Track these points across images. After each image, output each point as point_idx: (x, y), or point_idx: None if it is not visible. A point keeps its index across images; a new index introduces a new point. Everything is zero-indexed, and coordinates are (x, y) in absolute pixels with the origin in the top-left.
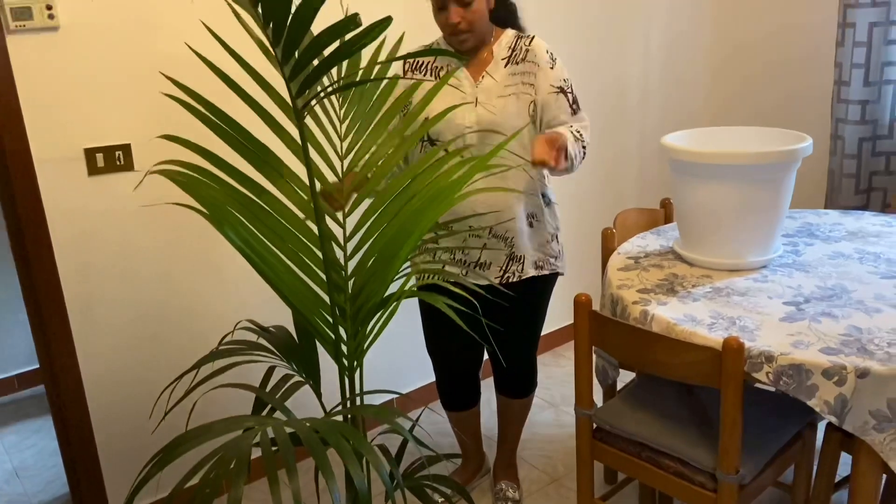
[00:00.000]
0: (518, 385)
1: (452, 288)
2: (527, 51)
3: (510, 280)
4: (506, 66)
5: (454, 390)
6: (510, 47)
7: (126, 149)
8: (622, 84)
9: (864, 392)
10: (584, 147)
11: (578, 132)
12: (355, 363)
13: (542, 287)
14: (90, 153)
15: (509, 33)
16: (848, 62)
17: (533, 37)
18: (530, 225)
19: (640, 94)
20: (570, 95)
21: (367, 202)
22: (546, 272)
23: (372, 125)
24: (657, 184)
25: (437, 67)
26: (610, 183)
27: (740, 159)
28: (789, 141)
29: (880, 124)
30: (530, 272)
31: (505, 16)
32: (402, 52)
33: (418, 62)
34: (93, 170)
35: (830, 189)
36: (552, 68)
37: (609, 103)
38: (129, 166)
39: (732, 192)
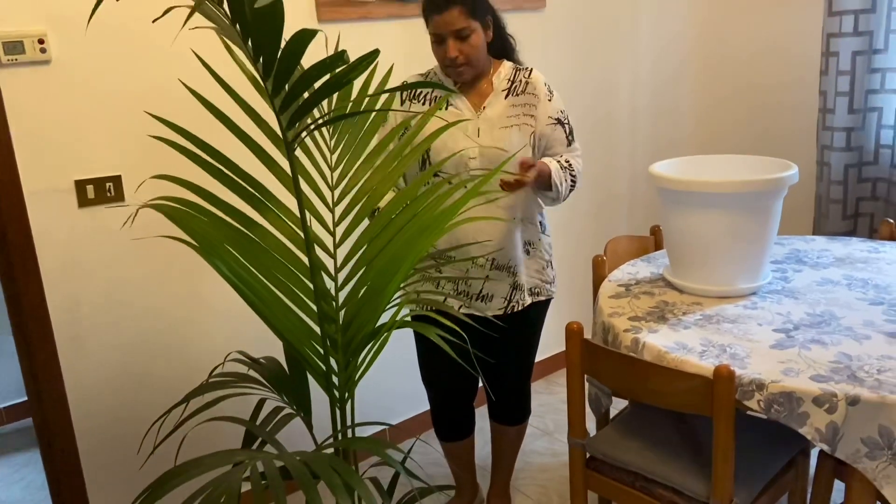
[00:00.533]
0: (513, 412)
1: (444, 321)
2: (526, 83)
3: (514, 310)
4: (506, 97)
5: (449, 421)
6: (509, 79)
7: (116, 180)
8: (612, 114)
9: (856, 419)
10: (572, 176)
11: (567, 162)
12: (346, 395)
13: (537, 314)
14: (80, 185)
15: (508, 65)
16: (832, 90)
17: (531, 69)
18: (527, 252)
19: (629, 123)
20: (566, 126)
21: (357, 231)
22: (542, 298)
23: (363, 155)
24: (646, 211)
25: (435, 98)
26: (600, 210)
27: (728, 188)
28: (776, 169)
29: (865, 151)
30: (528, 300)
31: (503, 49)
32: (396, 79)
33: (416, 92)
34: (83, 201)
35: (818, 215)
36: (550, 100)
37: (599, 133)
38: (119, 197)
39: (721, 220)
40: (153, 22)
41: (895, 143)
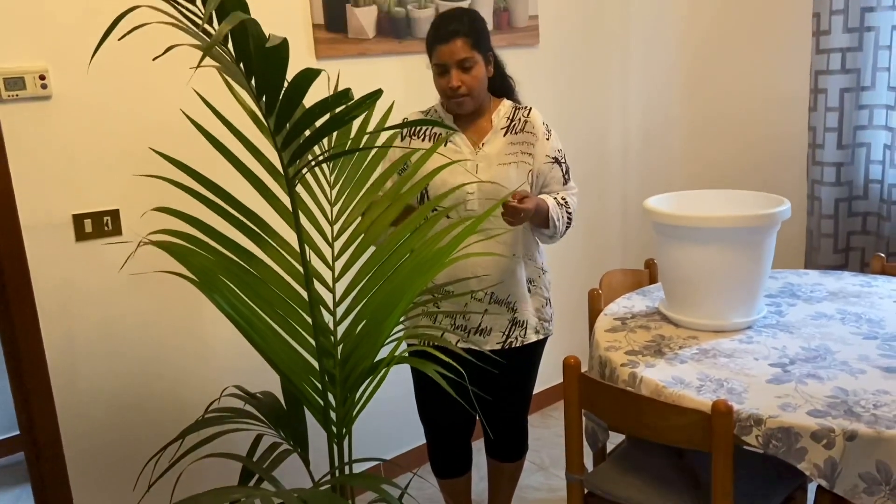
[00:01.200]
0: (511, 449)
1: (442, 357)
2: (525, 121)
3: (513, 345)
4: (505, 135)
5: (446, 457)
6: (508, 117)
7: (114, 214)
8: (604, 148)
9: (853, 455)
10: (568, 213)
11: (564, 199)
12: (344, 430)
13: (535, 351)
14: (78, 219)
15: (507, 104)
16: (821, 126)
17: (530, 108)
18: (528, 290)
19: (621, 157)
20: (563, 165)
21: (357, 265)
22: (541, 336)
23: (363, 191)
24: (640, 244)
25: (435, 134)
26: (595, 244)
27: (722, 223)
28: (768, 204)
29: (855, 185)
30: (532, 337)
31: (503, 88)
32: (396, 116)
33: (416, 128)
34: (80, 235)
35: (810, 248)
36: (548, 139)
37: (592, 166)
38: (117, 231)
39: (715, 255)
40: (154, 60)
41: (884, 178)
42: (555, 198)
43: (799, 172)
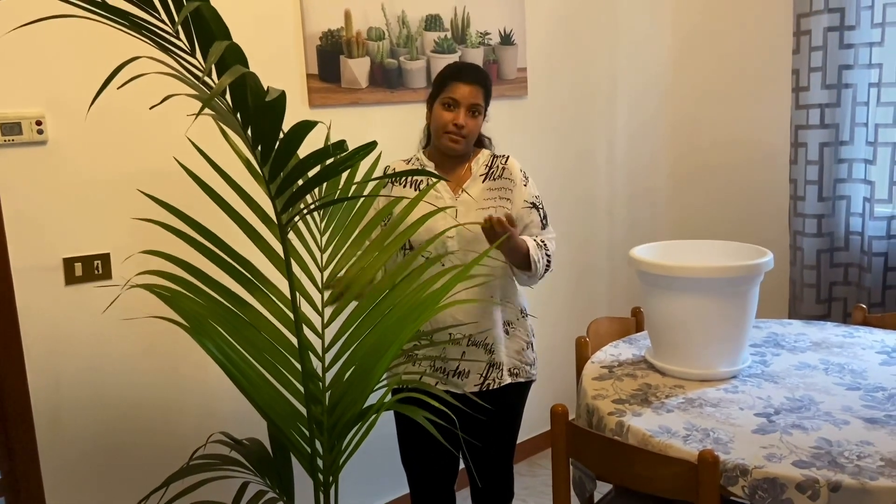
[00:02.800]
0: (496, 496)
1: (432, 402)
2: (503, 168)
3: (490, 387)
4: (483, 181)
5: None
6: (487, 165)
7: (105, 258)
8: (590, 196)
9: None
10: (547, 255)
11: (543, 242)
12: (331, 478)
13: (517, 395)
14: (69, 262)
15: (485, 153)
16: (802, 179)
17: (508, 156)
18: (506, 332)
19: (607, 206)
20: (541, 211)
21: (346, 312)
22: (522, 379)
23: (352, 237)
24: (627, 292)
25: (416, 181)
26: (582, 292)
27: (706, 272)
28: (751, 254)
29: (836, 237)
30: (507, 379)
31: (480, 141)
32: (383, 163)
33: (400, 179)
34: (70, 279)
35: (793, 298)
36: (525, 185)
37: (578, 213)
38: (107, 275)
39: (700, 304)
40: (150, 109)
41: (864, 230)
42: (535, 240)
43: (781, 223)
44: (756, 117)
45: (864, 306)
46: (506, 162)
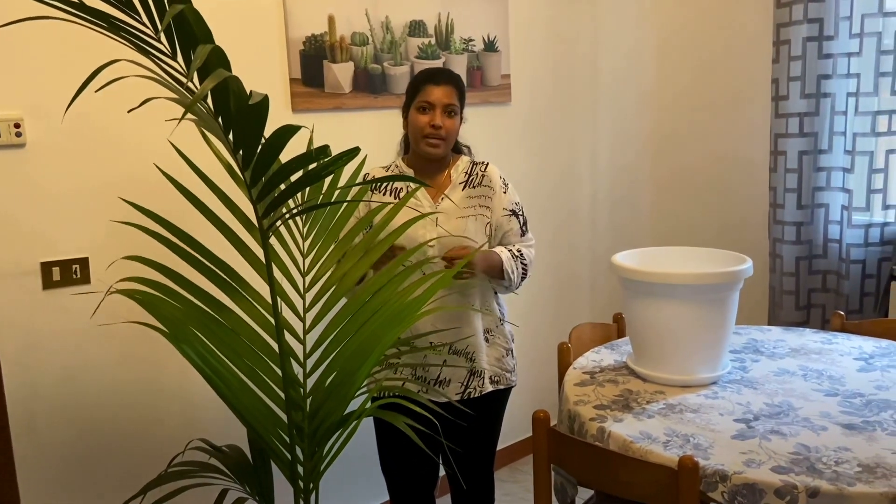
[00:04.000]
0: (477, 503)
1: (414, 407)
2: (483, 176)
3: (471, 395)
4: (463, 189)
5: None
6: (467, 172)
7: (83, 262)
8: (573, 204)
9: None
10: (524, 264)
11: (519, 251)
12: (311, 485)
13: (498, 402)
14: (46, 267)
15: (465, 160)
16: (781, 187)
17: (487, 164)
18: (486, 339)
19: (590, 213)
20: (521, 217)
21: (328, 317)
22: (502, 386)
23: (335, 243)
24: (609, 298)
25: (397, 188)
26: (564, 298)
27: (687, 279)
28: (732, 261)
29: (815, 244)
30: (489, 387)
31: (458, 148)
32: (364, 169)
33: (379, 184)
34: (47, 283)
35: (772, 305)
36: (505, 192)
37: (561, 221)
38: (85, 280)
39: (680, 311)
40: (129, 112)
41: (842, 238)
42: (510, 250)
43: (761, 231)
44: (737, 125)
45: (842, 313)
46: (485, 169)
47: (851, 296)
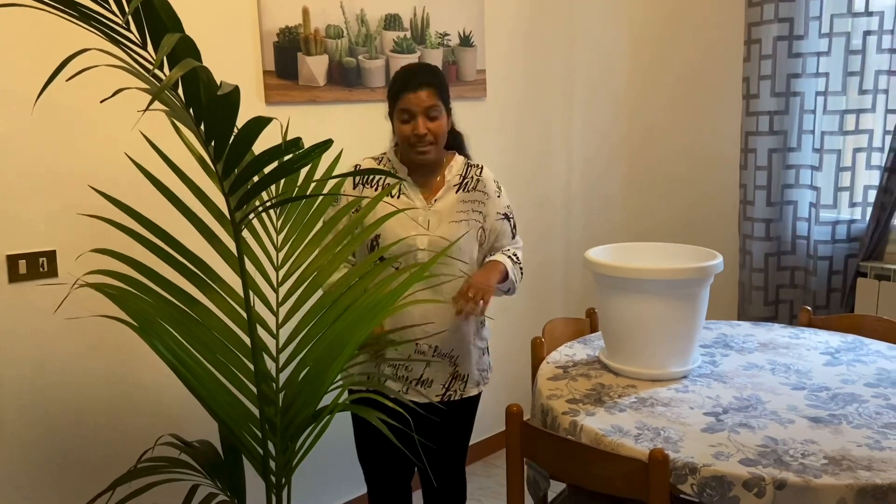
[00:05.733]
0: (449, 499)
1: (387, 403)
2: (477, 180)
3: (451, 398)
4: (457, 192)
5: (385, 500)
6: (461, 174)
7: (51, 255)
8: (547, 199)
9: (783, 503)
10: (521, 268)
11: (515, 255)
12: (283, 480)
13: (474, 402)
14: (12, 259)
15: (459, 160)
16: (751, 184)
17: (482, 167)
18: (473, 343)
19: (564, 208)
20: (512, 221)
21: (301, 312)
22: (481, 388)
23: (309, 237)
24: (582, 294)
25: (387, 184)
26: (538, 293)
27: (659, 274)
28: (703, 257)
29: (783, 241)
30: (473, 391)
31: (454, 143)
32: (344, 164)
33: (368, 176)
34: (14, 276)
35: (742, 300)
36: (499, 197)
37: (536, 216)
38: (52, 273)
39: (652, 305)
40: (101, 102)
41: (810, 234)
42: (508, 255)
43: (732, 227)
44: (708, 123)
45: (809, 308)
46: (480, 173)
47: (818, 291)
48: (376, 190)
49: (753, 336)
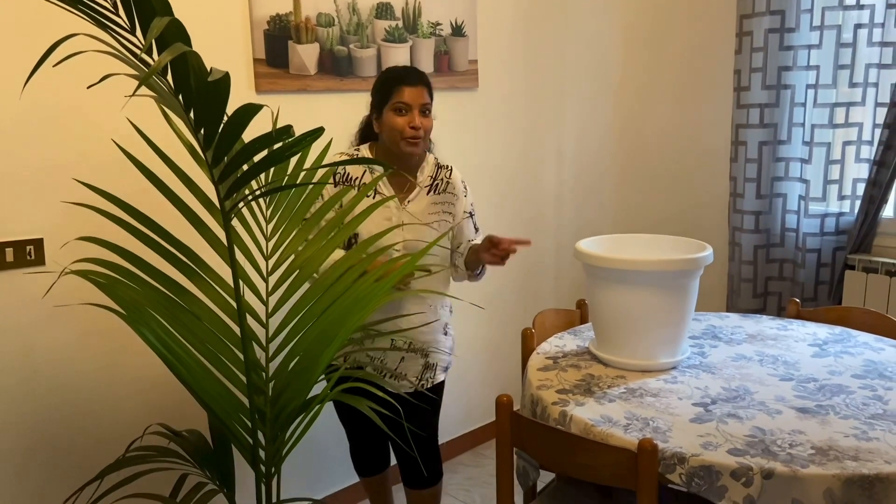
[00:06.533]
0: (425, 474)
1: (376, 392)
2: (448, 182)
3: (424, 387)
4: (428, 193)
5: (365, 454)
6: (432, 176)
7: (38, 243)
8: (538, 191)
9: (770, 493)
10: None
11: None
12: (273, 469)
13: (442, 385)
14: None
15: (431, 161)
16: (741, 176)
17: (451, 168)
18: (444, 333)
19: (555, 200)
20: (474, 217)
21: (291, 301)
22: (448, 371)
23: (299, 226)
24: (573, 285)
25: (355, 178)
26: (529, 284)
27: (649, 266)
28: (693, 249)
29: (772, 233)
30: (441, 377)
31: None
32: (334, 153)
33: (346, 173)
34: (0, 265)
35: (731, 292)
36: (465, 196)
37: (527, 207)
38: (40, 261)
39: (642, 297)
40: (88, 88)
41: (799, 227)
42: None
43: (721, 219)
44: (700, 115)
45: (797, 300)
46: (450, 175)
47: (807, 284)
48: (355, 190)
49: (742, 328)
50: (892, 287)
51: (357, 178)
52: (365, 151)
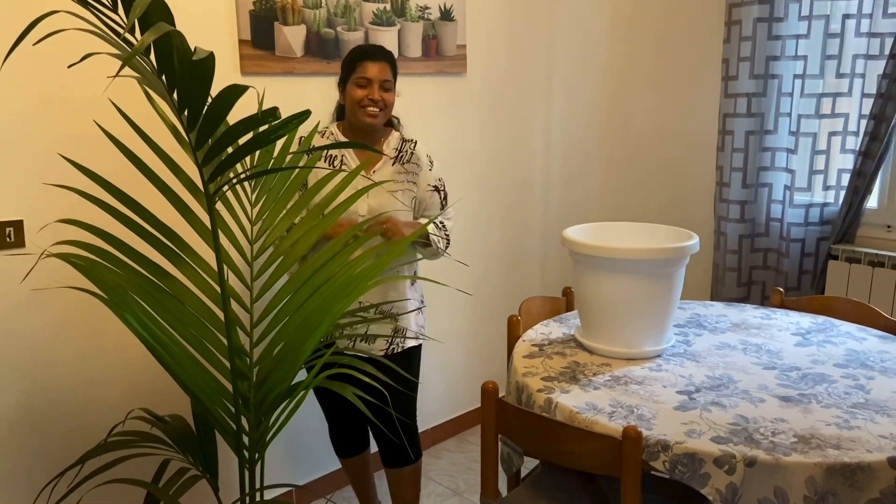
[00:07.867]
0: (404, 452)
1: (362, 377)
2: (412, 153)
3: (395, 352)
4: (393, 164)
5: (344, 435)
6: (397, 148)
7: (18, 225)
8: (526, 177)
9: (753, 480)
10: (447, 235)
11: (441, 223)
12: (256, 455)
13: (415, 356)
14: None
15: (395, 135)
16: (728, 166)
17: (416, 142)
18: (409, 299)
19: (542, 187)
20: (442, 193)
21: (276, 286)
22: (420, 342)
23: (284, 210)
24: (559, 273)
25: (331, 156)
26: (516, 272)
27: (635, 254)
28: (679, 238)
29: (757, 223)
30: (410, 343)
31: (390, 122)
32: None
33: (326, 154)
34: None
35: (715, 281)
36: (431, 170)
37: (514, 194)
38: (19, 243)
39: (628, 285)
40: (69, 67)
41: (784, 217)
42: (434, 221)
43: (707, 209)
44: (687, 104)
45: (781, 290)
46: (414, 147)
47: (791, 273)
48: (322, 162)
49: (726, 316)
50: (874, 277)
51: (335, 157)
52: (333, 129)
